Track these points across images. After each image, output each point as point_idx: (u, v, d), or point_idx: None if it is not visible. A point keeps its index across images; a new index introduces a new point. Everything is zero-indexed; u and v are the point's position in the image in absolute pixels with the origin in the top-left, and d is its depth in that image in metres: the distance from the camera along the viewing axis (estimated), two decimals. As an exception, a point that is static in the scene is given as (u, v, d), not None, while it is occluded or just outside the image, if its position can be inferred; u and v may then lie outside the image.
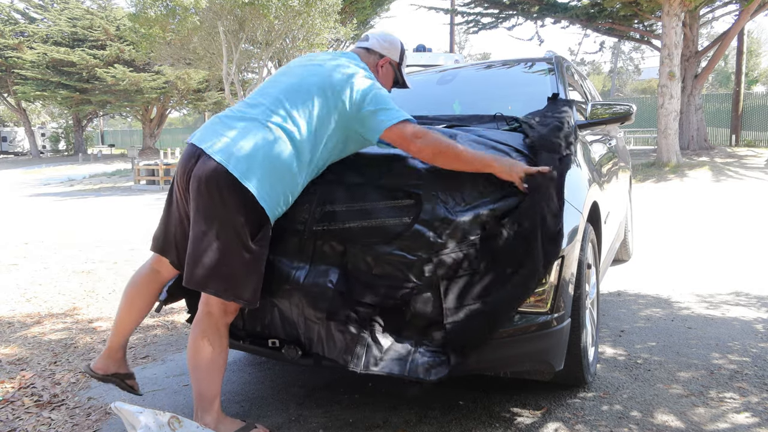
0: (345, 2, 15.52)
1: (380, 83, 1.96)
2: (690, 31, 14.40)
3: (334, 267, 1.80)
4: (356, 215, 1.81)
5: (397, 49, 2.12)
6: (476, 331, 1.73)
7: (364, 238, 1.78)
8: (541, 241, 1.77)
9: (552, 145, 2.01)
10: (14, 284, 4.42)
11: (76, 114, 30.92)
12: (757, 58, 32.49)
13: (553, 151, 1.98)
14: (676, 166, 11.81)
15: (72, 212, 9.37)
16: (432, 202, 1.79)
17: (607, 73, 46.17)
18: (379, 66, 2.10)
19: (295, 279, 1.80)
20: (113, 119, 45.99)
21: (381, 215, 1.80)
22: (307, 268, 1.81)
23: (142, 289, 2.04)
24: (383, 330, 1.74)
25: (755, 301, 3.45)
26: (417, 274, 1.75)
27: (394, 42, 2.13)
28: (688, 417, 2.03)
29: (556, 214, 1.82)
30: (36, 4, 28.00)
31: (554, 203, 1.82)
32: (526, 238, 1.76)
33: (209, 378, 1.85)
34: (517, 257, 1.75)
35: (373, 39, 2.12)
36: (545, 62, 3.29)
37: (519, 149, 2.02)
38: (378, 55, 2.10)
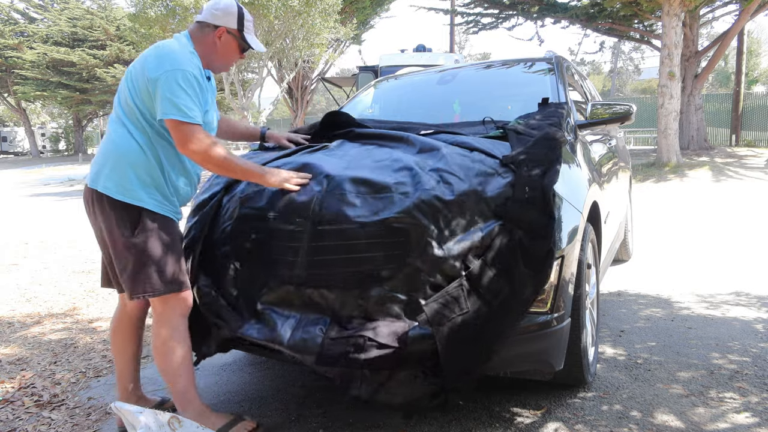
0: (345, 2, 15.51)
1: (220, 55, 1.96)
2: (690, 31, 14.39)
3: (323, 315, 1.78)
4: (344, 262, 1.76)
5: (232, 15, 1.94)
6: (472, 367, 1.74)
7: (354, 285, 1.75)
8: (526, 268, 1.75)
9: (534, 157, 1.95)
10: (14, 284, 4.42)
11: (76, 114, 30.94)
12: (757, 58, 32.47)
13: (536, 163, 1.92)
14: (676, 166, 11.81)
15: (72, 212, 9.37)
16: (422, 239, 1.73)
17: (607, 73, 46.16)
18: (217, 38, 1.94)
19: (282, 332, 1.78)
20: (113, 119, 45.93)
21: (369, 260, 1.75)
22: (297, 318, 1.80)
23: (118, 327, 2.10)
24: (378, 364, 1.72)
25: (755, 301, 3.45)
26: (409, 312, 1.73)
27: (229, 8, 1.94)
28: (688, 417, 2.03)
29: (544, 236, 1.77)
30: (36, 5, 28.01)
31: (538, 226, 1.77)
32: (507, 270, 1.74)
33: (176, 374, 1.88)
34: (501, 290, 1.73)
35: (206, 11, 1.95)
36: (545, 62, 3.29)
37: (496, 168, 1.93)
38: (212, 27, 1.94)
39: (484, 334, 1.73)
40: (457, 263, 1.74)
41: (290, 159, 2.15)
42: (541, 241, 1.77)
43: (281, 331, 1.78)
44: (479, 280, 1.73)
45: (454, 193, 1.80)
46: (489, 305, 1.73)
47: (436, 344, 1.69)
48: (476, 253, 1.76)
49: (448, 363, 1.71)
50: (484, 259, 1.75)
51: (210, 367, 2.66)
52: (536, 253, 1.76)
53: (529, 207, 1.80)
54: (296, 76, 16.84)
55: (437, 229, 1.75)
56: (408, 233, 1.74)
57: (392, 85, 3.74)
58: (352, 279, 1.75)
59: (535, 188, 1.83)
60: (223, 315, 1.91)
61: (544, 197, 1.81)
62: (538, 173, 1.88)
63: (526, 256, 1.75)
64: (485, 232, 1.78)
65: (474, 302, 1.72)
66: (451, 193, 1.80)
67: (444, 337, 1.69)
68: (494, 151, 2.02)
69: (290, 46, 13.35)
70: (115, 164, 1.85)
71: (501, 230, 1.78)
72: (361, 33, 19.67)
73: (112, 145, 1.87)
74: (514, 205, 1.81)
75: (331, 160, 2.05)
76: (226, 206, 2.07)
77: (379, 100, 3.59)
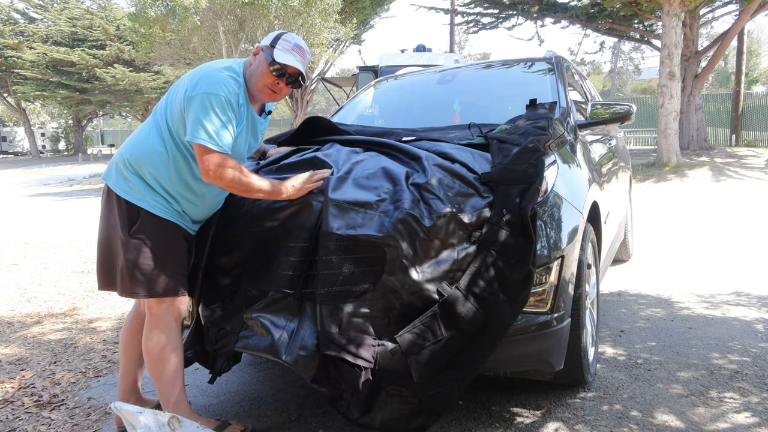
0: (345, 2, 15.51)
1: (255, 72, 1.90)
2: (690, 31, 14.39)
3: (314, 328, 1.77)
4: (330, 279, 1.74)
5: (272, 36, 1.97)
6: (447, 395, 1.73)
7: (331, 297, 1.74)
8: (503, 294, 1.72)
9: (513, 173, 1.87)
10: (14, 284, 4.42)
11: (76, 114, 30.94)
12: (757, 58, 32.46)
13: (514, 182, 1.85)
14: (676, 166, 11.81)
15: (72, 212, 9.37)
16: (398, 258, 1.71)
17: (607, 73, 46.16)
18: (253, 56, 1.96)
19: (280, 342, 1.77)
20: (113, 119, 46.03)
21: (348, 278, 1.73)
22: (294, 328, 1.79)
23: (130, 327, 2.11)
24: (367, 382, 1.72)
25: (755, 301, 3.45)
26: (380, 331, 1.73)
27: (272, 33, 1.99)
28: (688, 417, 2.03)
29: (520, 260, 1.73)
30: (36, 4, 28.00)
31: (515, 250, 1.74)
32: (482, 298, 1.72)
33: (165, 378, 1.88)
34: (476, 319, 1.71)
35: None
36: (545, 62, 3.29)
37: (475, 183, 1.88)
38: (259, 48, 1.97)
39: (459, 360, 1.72)
40: (431, 287, 1.72)
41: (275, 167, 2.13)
42: (518, 266, 1.73)
43: (278, 343, 1.77)
44: (454, 307, 1.70)
45: (432, 216, 1.75)
46: (464, 332, 1.71)
47: (407, 366, 1.69)
48: (452, 277, 1.74)
49: (423, 388, 1.70)
50: (458, 285, 1.72)
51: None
52: (513, 278, 1.73)
53: (506, 231, 1.75)
54: (296, 76, 16.79)
55: (413, 251, 1.72)
56: (384, 253, 1.72)
57: (392, 85, 3.75)
58: (332, 293, 1.74)
59: (513, 212, 1.77)
60: (225, 327, 1.90)
61: (522, 220, 1.76)
62: (515, 193, 1.82)
63: (503, 281, 1.72)
64: (461, 256, 1.75)
65: (448, 329, 1.70)
66: (429, 217, 1.75)
67: (418, 365, 1.69)
68: (474, 165, 1.95)
69: (290, 46, 13.33)
70: (130, 163, 1.88)
71: (478, 253, 1.75)
72: (361, 33, 19.66)
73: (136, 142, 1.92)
74: (492, 229, 1.77)
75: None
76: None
77: (379, 100, 3.59)
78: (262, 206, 1.94)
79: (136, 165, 1.86)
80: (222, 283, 1.97)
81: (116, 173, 1.89)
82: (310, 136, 2.44)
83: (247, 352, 1.83)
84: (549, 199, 1.96)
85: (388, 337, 1.72)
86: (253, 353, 1.81)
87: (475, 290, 1.72)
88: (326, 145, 2.25)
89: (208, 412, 2.20)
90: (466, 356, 1.73)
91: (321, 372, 1.74)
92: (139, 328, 2.07)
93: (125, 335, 2.10)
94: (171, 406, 1.89)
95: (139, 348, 2.08)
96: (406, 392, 1.72)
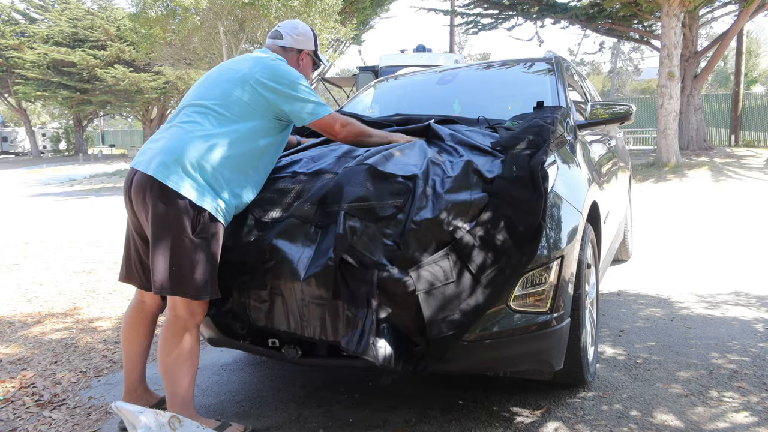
0: (345, 2, 15.51)
1: (303, 73, 2.14)
2: (689, 32, 14.39)
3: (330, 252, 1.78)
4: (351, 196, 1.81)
5: (311, 39, 2.20)
6: (455, 338, 1.75)
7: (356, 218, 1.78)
8: (513, 243, 1.77)
9: (521, 141, 2.03)
10: (15, 284, 4.43)
11: (77, 114, 30.93)
12: (756, 58, 32.46)
13: (522, 146, 2.00)
14: (675, 166, 11.82)
15: (72, 212, 9.38)
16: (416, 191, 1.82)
17: (606, 73, 46.16)
18: (300, 60, 2.18)
19: (300, 262, 1.80)
20: (114, 119, 46.00)
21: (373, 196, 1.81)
22: (312, 250, 1.81)
23: (134, 322, 2.10)
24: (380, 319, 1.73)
25: (755, 301, 3.46)
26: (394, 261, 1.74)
27: (307, 33, 2.20)
28: (688, 416, 2.03)
29: (530, 212, 1.79)
30: (36, 5, 28.00)
31: (525, 202, 1.81)
32: (493, 244, 1.76)
33: (181, 380, 1.87)
34: (486, 263, 1.76)
35: (287, 36, 2.16)
36: (545, 62, 3.29)
37: (492, 151, 2.05)
38: (296, 51, 2.17)
39: (467, 305, 1.74)
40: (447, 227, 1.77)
41: (301, 154, 2.24)
42: (528, 217, 1.79)
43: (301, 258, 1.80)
44: (466, 250, 1.75)
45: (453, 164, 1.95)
46: (473, 277, 1.75)
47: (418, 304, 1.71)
48: (466, 220, 1.80)
49: (431, 328, 1.71)
50: (472, 231, 1.77)
51: (210, 366, 2.67)
52: (523, 228, 1.78)
53: (516, 183, 1.84)
54: (296, 76, 16.81)
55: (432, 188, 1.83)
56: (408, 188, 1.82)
57: (392, 86, 3.75)
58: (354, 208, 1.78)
59: (522, 167, 1.88)
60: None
61: (532, 175, 1.85)
62: (524, 154, 1.95)
63: (513, 231, 1.78)
64: (474, 199, 1.82)
65: (459, 272, 1.74)
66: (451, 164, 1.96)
67: (428, 303, 1.71)
68: (486, 138, 2.17)
69: (290, 46, 13.34)
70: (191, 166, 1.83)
71: (490, 203, 1.82)
72: (361, 33, 19.68)
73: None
74: (503, 182, 1.86)
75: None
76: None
77: (379, 100, 3.60)
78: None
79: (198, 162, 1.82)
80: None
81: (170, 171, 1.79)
82: None
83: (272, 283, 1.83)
84: (549, 199, 1.97)
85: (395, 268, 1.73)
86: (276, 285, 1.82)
87: (486, 237, 1.77)
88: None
89: (208, 411, 2.21)
90: (474, 302, 1.75)
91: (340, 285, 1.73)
92: (143, 323, 2.08)
93: (128, 331, 2.09)
94: (179, 407, 1.89)
95: (145, 342, 2.10)
96: (413, 332, 1.73)
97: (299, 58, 2.18)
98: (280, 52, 2.14)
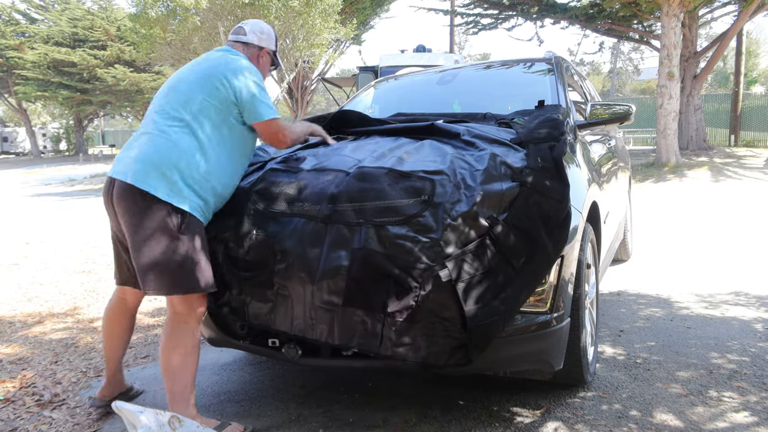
0: (345, 2, 15.51)
1: (261, 70, 2.22)
2: (689, 32, 14.39)
3: (347, 251, 1.76)
4: (370, 196, 1.82)
5: (272, 39, 2.29)
6: (496, 327, 1.74)
7: (378, 217, 1.77)
8: (545, 231, 1.80)
9: (539, 135, 2.08)
10: (15, 284, 4.43)
11: (77, 114, 30.92)
12: (755, 58, 32.46)
13: (541, 140, 2.04)
14: (675, 166, 11.82)
15: (73, 212, 9.38)
16: (446, 185, 1.81)
17: (606, 73, 46.15)
18: (260, 57, 2.25)
19: (310, 265, 1.78)
20: (114, 119, 46.00)
21: (395, 195, 1.81)
22: (324, 253, 1.78)
23: (115, 318, 2.22)
24: (398, 315, 1.71)
25: (754, 301, 3.46)
26: (431, 256, 1.71)
27: (270, 33, 2.28)
28: (687, 416, 2.03)
29: (560, 200, 1.84)
30: (37, 5, 27.99)
31: (554, 191, 1.85)
32: (527, 232, 1.79)
33: (182, 377, 1.90)
34: (521, 251, 1.78)
35: (251, 33, 2.23)
36: (545, 63, 3.30)
37: (510, 144, 2.09)
38: (257, 48, 2.24)
39: (505, 293, 1.75)
40: (481, 215, 1.77)
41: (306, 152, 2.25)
42: (558, 205, 1.83)
43: (310, 261, 1.78)
44: (501, 241, 1.76)
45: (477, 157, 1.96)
46: (511, 265, 1.76)
47: (456, 294, 1.70)
48: (499, 209, 1.81)
49: (472, 319, 1.70)
50: (506, 220, 1.79)
51: (210, 366, 2.67)
52: (555, 216, 1.82)
53: (544, 174, 1.89)
54: (296, 76, 16.84)
55: (462, 181, 1.84)
56: (435, 182, 1.82)
57: (392, 86, 3.75)
58: (379, 217, 1.77)
59: (546, 159, 1.93)
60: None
61: (556, 165, 1.91)
62: (545, 147, 2.00)
63: (545, 219, 1.81)
64: (506, 188, 1.84)
65: (496, 260, 1.75)
66: (474, 158, 1.96)
67: (466, 293, 1.70)
68: (501, 134, 2.19)
69: (290, 46, 13.36)
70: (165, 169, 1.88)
71: (521, 192, 1.85)
72: (361, 33, 19.66)
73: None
74: (532, 172, 1.89)
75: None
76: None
77: (379, 100, 3.60)
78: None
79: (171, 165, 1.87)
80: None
81: (147, 176, 1.85)
82: (342, 127, 2.58)
83: (280, 283, 1.82)
84: None
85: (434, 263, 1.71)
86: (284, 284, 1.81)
87: (519, 225, 1.79)
88: (363, 136, 2.43)
89: (208, 411, 2.21)
90: (512, 289, 1.75)
91: (353, 292, 1.72)
92: (124, 318, 2.21)
93: (111, 326, 2.20)
94: (180, 405, 1.90)
95: (126, 335, 2.23)
96: (450, 325, 1.71)
97: (259, 56, 2.24)
98: (240, 48, 2.19)
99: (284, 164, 2.12)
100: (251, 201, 1.99)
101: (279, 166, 2.10)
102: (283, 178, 2.02)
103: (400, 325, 1.70)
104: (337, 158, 2.07)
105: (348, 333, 1.76)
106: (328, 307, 1.77)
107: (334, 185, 1.89)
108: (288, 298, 1.84)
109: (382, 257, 1.71)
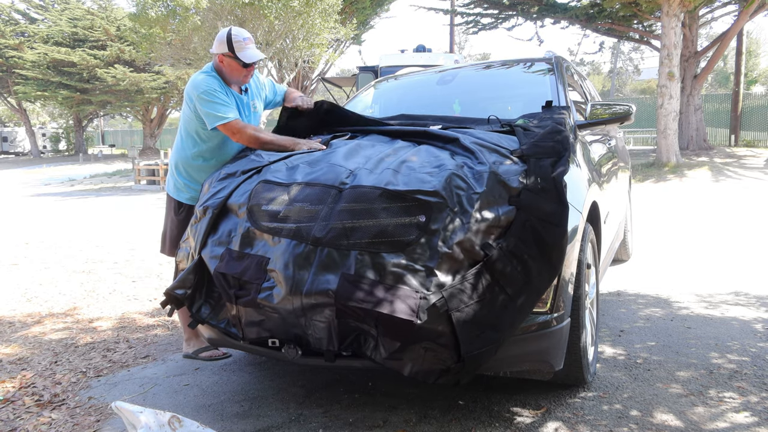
0: (345, 2, 15.50)
1: (228, 73, 2.54)
2: (689, 32, 14.39)
3: (335, 275, 1.72)
4: (368, 226, 1.76)
5: (223, 42, 2.51)
6: (489, 354, 1.74)
7: (372, 244, 1.73)
8: (541, 255, 1.77)
9: (543, 148, 2.02)
10: (15, 284, 4.43)
11: (77, 114, 30.90)
12: (756, 58, 32.47)
13: (544, 155, 1.98)
14: (675, 166, 11.82)
15: (72, 212, 9.38)
16: (443, 210, 1.76)
17: (606, 73, 46.14)
18: (221, 62, 2.54)
19: (297, 287, 1.74)
20: (114, 119, 45.96)
21: (389, 222, 1.75)
22: (311, 275, 1.74)
23: None
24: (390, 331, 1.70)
25: (754, 301, 3.46)
26: (426, 285, 1.69)
27: (220, 38, 2.53)
28: (688, 416, 2.03)
29: (557, 224, 1.80)
30: (36, 5, 27.99)
31: (551, 215, 1.81)
32: (523, 258, 1.76)
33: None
34: (517, 278, 1.75)
35: (213, 44, 2.57)
36: (545, 62, 3.29)
37: (511, 156, 2.01)
38: (216, 55, 2.55)
39: (500, 321, 1.74)
40: (474, 244, 1.75)
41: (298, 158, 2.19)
42: (555, 229, 1.80)
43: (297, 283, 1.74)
44: (498, 269, 1.74)
45: (475, 175, 1.88)
46: (506, 293, 1.74)
47: (451, 322, 1.68)
48: (495, 235, 1.79)
49: (466, 347, 1.69)
50: (501, 246, 1.76)
51: (210, 366, 2.67)
52: (552, 241, 1.79)
53: (542, 196, 1.85)
54: (296, 76, 16.85)
55: (459, 206, 1.79)
56: (431, 205, 1.77)
57: (392, 86, 3.75)
58: (373, 243, 1.74)
59: (547, 180, 1.89)
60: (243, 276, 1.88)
61: (556, 187, 1.87)
62: (547, 164, 1.94)
63: (541, 244, 1.79)
64: (502, 213, 1.81)
65: (492, 288, 1.74)
66: (473, 176, 1.88)
67: (461, 322, 1.69)
68: (503, 142, 2.12)
69: (290, 46, 13.35)
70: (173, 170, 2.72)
71: (518, 217, 1.82)
72: (361, 33, 19.66)
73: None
74: (529, 195, 1.86)
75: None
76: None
77: (379, 100, 3.60)
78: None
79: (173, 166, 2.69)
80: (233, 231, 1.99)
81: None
82: (334, 123, 2.59)
83: (266, 305, 1.80)
84: None
85: (430, 291, 1.69)
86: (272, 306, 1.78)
87: (515, 251, 1.77)
88: (360, 135, 2.41)
89: (208, 411, 2.21)
90: (507, 317, 1.74)
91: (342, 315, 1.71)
92: None
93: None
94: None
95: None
96: (444, 352, 1.70)
97: (220, 60, 2.53)
98: (213, 59, 2.58)
99: (277, 175, 2.06)
100: (243, 218, 1.97)
101: (272, 178, 2.04)
102: (274, 194, 1.96)
103: (393, 345, 1.70)
104: (328, 168, 2.00)
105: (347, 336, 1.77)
106: (321, 321, 1.75)
107: (326, 206, 1.83)
108: (278, 315, 1.82)
109: (373, 285, 1.69)
